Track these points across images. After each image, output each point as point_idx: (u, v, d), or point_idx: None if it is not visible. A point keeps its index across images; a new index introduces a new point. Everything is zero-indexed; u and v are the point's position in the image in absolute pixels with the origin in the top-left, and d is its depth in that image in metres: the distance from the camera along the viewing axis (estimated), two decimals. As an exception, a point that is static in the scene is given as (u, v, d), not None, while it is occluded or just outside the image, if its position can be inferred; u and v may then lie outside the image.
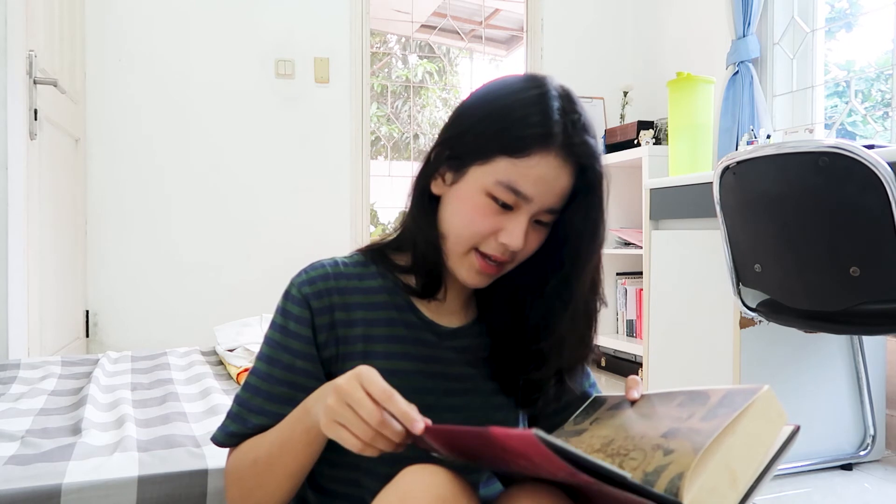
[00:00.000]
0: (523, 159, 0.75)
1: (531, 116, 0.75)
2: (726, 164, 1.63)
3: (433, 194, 0.82)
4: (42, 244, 2.18)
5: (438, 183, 0.81)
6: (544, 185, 0.75)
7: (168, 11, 3.03)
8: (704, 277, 2.05)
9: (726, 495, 0.58)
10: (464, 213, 0.78)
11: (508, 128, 0.75)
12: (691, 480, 0.57)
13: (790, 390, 1.97)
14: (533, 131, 0.75)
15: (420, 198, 0.82)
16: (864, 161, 1.32)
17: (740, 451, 0.61)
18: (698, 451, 0.58)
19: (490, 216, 0.77)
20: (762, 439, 0.63)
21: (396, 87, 6.19)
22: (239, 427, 0.80)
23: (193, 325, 2.91)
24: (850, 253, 1.39)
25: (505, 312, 0.85)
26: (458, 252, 0.79)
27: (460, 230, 0.78)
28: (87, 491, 0.89)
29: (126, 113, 2.98)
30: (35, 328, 2.10)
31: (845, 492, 1.84)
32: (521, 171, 0.75)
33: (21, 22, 1.95)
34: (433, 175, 0.81)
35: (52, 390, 1.45)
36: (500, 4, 4.72)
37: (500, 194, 0.76)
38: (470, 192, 0.77)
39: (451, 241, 0.80)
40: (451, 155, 0.79)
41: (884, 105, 2.53)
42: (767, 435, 0.63)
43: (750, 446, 0.62)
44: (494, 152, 0.76)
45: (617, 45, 3.66)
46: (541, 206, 0.77)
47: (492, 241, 0.77)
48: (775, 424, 0.64)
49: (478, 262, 0.79)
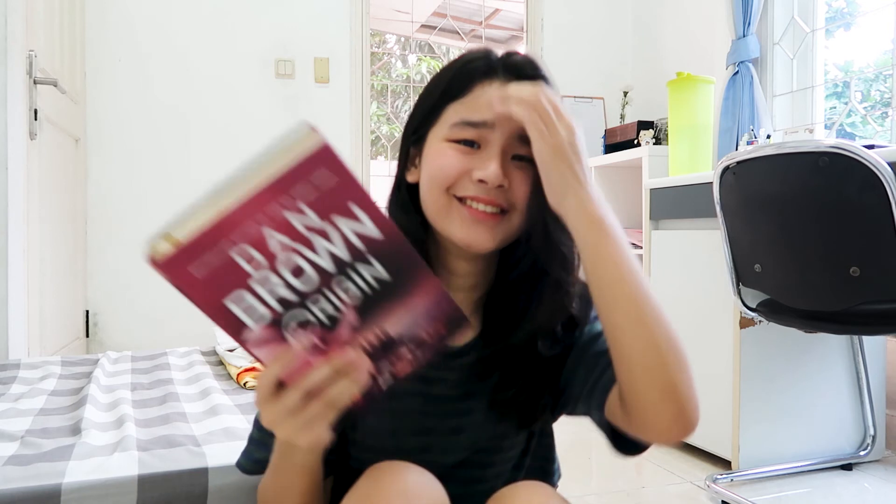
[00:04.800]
0: (469, 95, 0.73)
1: (471, 63, 0.74)
2: (726, 164, 1.63)
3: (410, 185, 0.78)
4: (42, 244, 2.18)
5: (412, 171, 0.78)
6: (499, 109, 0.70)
7: (168, 11, 3.03)
8: (704, 277, 2.05)
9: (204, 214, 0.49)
10: (432, 167, 0.74)
11: (450, 81, 0.74)
12: None
13: (790, 390, 1.97)
14: (473, 67, 0.74)
15: (396, 193, 0.79)
16: (864, 161, 1.32)
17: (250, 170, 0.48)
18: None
19: (455, 155, 0.72)
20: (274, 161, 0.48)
21: (396, 86, 6.19)
22: (264, 453, 0.77)
23: (193, 325, 2.89)
24: (850, 253, 1.39)
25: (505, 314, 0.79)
26: (440, 208, 0.73)
27: (430, 181, 0.73)
28: (87, 491, 0.89)
29: (126, 113, 2.98)
30: (35, 328, 2.10)
31: (845, 492, 1.84)
32: (470, 104, 0.72)
33: (21, 22, 1.95)
34: (407, 168, 0.79)
35: (52, 390, 1.45)
36: (500, 4, 4.72)
37: (458, 133, 0.72)
38: (432, 151, 0.74)
39: (429, 202, 0.74)
40: (414, 138, 0.77)
41: (883, 105, 2.53)
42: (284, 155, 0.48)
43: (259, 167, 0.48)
44: (442, 104, 0.74)
45: (617, 45, 3.66)
46: (508, 132, 0.71)
47: (466, 181, 0.72)
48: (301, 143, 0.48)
49: (464, 209, 0.72)
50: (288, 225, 0.50)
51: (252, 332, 0.54)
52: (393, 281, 0.55)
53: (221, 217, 0.48)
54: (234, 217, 0.48)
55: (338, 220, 0.51)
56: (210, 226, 0.48)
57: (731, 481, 1.87)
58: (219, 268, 0.50)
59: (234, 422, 1.16)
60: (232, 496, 0.94)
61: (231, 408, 1.27)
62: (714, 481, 1.84)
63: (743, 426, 1.91)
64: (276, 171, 0.48)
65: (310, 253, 0.52)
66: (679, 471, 2.00)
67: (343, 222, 0.51)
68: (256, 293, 0.52)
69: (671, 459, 2.09)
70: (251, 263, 0.51)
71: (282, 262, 0.52)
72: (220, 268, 0.50)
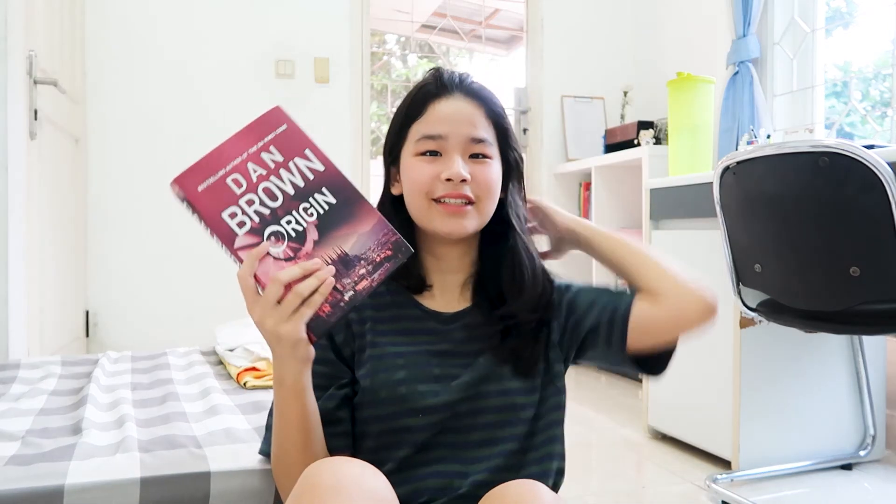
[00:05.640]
0: (425, 114, 0.90)
1: (424, 87, 0.92)
2: (726, 164, 1.63)
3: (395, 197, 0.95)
4: (42, 244, 2.18)
5: (395, 186, 0.95)
6: (452, 120, 0.89)
7: (168, 11, 3.03)
8: (704, 277, 2.05)
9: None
10: (408, 180, 0.91)
11: (410, 105, 0.92)
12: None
13: (790, 390, 1.97)
14: (426, 91, 0.91)
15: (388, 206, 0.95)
16: (864, 161, 1.32)
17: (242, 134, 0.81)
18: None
19: (424, 166, 0.89)
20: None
21: (397, 86, 6.18)
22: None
23: (193, 325, 2.90)
24: (850, 253, 1.39)
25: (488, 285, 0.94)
26: (423, 211, 0.89)
27: (411, 192, 0.90)
28: (89, 491, 0.89)
29: (126, 113, 2.98)
30: (35, 328, 2.10)
31: (845, 492, 1.84)
32: (427, 121, 0.90)
33: (21, 22, 1.95)
34: (391, 183, 0.96)
35: (53, 390, 1.44)
36: (500, 4, 4.72)
37: (422, 146, 0.89)
38: (406, 167, 0.91)
39: (414, 208, 0.91)
40: (392, 159, 0.95)
41: (883, 105, 2.53)
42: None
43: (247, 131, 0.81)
44: (407, 126, 0.91)
45: (617, 45, 3.66)
46: (463, 137, 0.89)
47: (437, 184, 0.88)
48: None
49: (440, 207, 0.88)
50: (262, 160, 0.77)
51: (240, 238, 0.76)
52: (338, 204, 0.78)
53: (216, 151, 0.78)
54: (224, 151, 0.77)
55: (296, 159, 0.78)
56: (208, 156, 0.78)
57: (731, 481, 1.88)
58: (217, 187, 0.76)
59: (235, 422, 1.16)
60: (234, 500, 0.94)
61: (231, 407, 1.27)
62: (714, 481, 1.84)
63: (743, 426, 1.91)
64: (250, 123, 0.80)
65: (277, 181, 0.77)
66: (679, 471, 2.00)
67: (300, 161, 0.78)
68: (243, 209, 0.76)
69: (671, 459, 2.10)
70: (239, 187, 0.77)
71: (260, 187, 0.77)
72: (218, 187, 0.76)
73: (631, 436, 2.35)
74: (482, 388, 0.87)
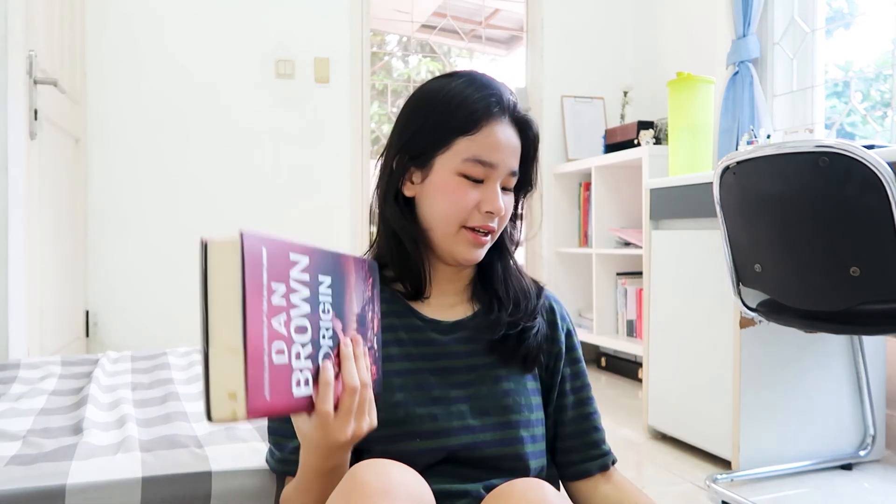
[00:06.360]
0: (479, 133, 0.85)
1: (470, 97, 0.86)
2: (726, 164, 1.63)
3: (406, 197, 0.90)
4: (42, 244, 2.18)
5: (409, 185, 0.89)
6: (504, 149, 0.86)
7: (168, 11, 3.03)
8: (704, 277, 2.06)
9: (234, 363, 0.58)
10: (446, 198, 0.86)
11: (454, 112, 0.85)
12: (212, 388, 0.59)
13: (790, 390, 1.97)
14: (476, 107, 0.85)
15: (394, 204, 0.89)
16: (864, 161, 1.32)
17: (222, 315, 0.59)
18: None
19: (468, 192, 0.85)
20: (231, 286, 0.59)
21: (397, 86, 6.19)
22: (284, 454, 0.88)
23: (193, 325, 2.90)
24: (850, 253, 1.39)
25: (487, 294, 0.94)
26: (450, 234, 0.87)
27: (447, 213, 0.86)
28: (91, 491, 0.89)
29: (126, 113, 2.98)
30: (35, 328, 2.10)
31: (845, 492, 1.84)
32: (480, 143, 0.85)
33: (21, 22, 1.95)
34: (401, 181, 0.89)
35: (53, 390, 1.44)
36: (500, 4, 4.72)
37: (471, 170, 0.85)
38: (443, 178, 0.86)
39: (441, 228, 0.87)
40: (413, 156, 0.88)
41: (883, 105, 2.53)
42: (232, 276, 0.58)
43: (227, 301, 0.59)
44: (452, 136, 0.85)
45: (617, 45, 3.66)
46: (507, 169, 0.87)
47: (475, 213, 0.86)
48: (232, 259, 0.58)
49: (470, 236, 0.87)
50: (275, 307, 0.62)
51: (309, 395, 0.67)
52: (334, 278, 0.71)
53: (248, 345, 0.58)
54: (251, 334, 0.59)
55: (291, 273, 0.64)
56: (249, 357, 0.58)
57: (731, 481, 1.88)
58: (274, 377, 0.62)
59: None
60: (235, 499, 0.94)
61: (232, 408, 1.27)
62: (714, 481, 1.84)
63: (743, 426, 1.91)
64: (243, 284, 0.58)
65: (294, 311, 0.64)
66: (679, 471, 2.00)
67: (294, 272, 0.65)
68: (300, 368, 0.65)
69: (671, 459, 2.10)
70: (284, 355, 0.63)
71: (292, 333, 0.64)
72: (275, 376, 0.62)
73: (631, 436, 2.35)
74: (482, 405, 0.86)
